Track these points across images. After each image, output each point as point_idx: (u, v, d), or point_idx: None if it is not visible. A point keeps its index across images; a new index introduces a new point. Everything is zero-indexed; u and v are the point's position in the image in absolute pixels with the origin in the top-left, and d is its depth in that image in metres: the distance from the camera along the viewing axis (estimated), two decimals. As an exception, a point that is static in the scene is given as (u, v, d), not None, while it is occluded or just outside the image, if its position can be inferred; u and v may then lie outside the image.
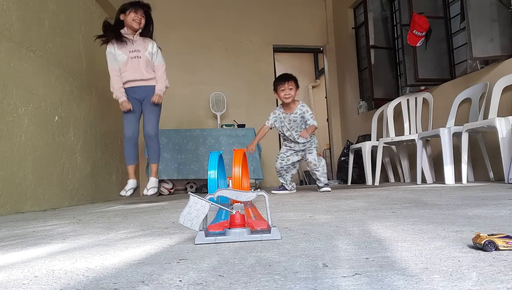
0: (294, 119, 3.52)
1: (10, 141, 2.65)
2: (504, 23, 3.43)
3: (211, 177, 1.73)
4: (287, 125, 3.56)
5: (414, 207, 1.55)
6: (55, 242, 1.16)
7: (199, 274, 0.67)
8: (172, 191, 5.34)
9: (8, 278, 0.72)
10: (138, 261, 0.81)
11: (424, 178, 3.86)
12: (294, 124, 3.54)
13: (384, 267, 0.64)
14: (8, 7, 2.76)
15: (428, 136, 3.61)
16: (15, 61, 2.78)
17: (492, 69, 3.50)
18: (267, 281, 0.60)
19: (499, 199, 1.69)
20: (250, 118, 6.06)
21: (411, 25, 4.18)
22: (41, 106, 3.08)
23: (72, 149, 3.54)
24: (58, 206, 3.17)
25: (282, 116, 3.57)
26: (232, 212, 1.02)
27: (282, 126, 3.60)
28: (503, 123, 2.80)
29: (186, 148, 5.10)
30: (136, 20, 3.13)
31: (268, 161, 6.17)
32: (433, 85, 4.30)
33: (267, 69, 6.39)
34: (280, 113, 3.60)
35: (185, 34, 6.06)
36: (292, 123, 3.54)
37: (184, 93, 5.99)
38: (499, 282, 0.53)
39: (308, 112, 3.50)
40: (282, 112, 3.58)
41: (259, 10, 6.39)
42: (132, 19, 3.12)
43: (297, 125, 3.55)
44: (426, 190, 2.57)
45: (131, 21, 3.12)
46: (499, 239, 0.71)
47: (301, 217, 1.44)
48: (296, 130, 3.55)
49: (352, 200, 2.14)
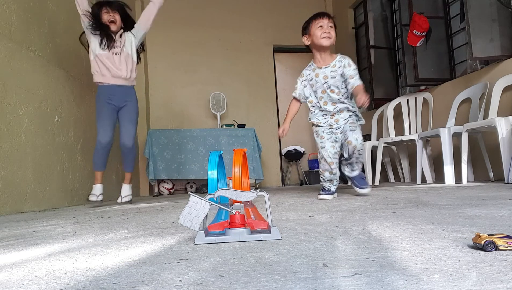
0: (332, 76, 2.52)
1: (10, 141, 2.65)
2: (504, 23, 3.43)
3: (211, 177, 1.73)
4: (322, 85, 2.55)
5: (414, 207, 1.55)
6: (55, 242, 1.16)
7: (199, 274, 0.67)
8: (172, 191, 5.34)
9: (8, 278, 0.72)
10: (138, 261, 0.81)
11: (424, 178, 3.86)
12: (333, 82, 2.51)
13: (384, 267, 0.64)
14: (8, 7, 2.76)
15: (428, 136, 3.61)
16: (15, 61, 2.78)
17: (492, 69, 3.50)
18: (267, 281, 0.60)
19: (499, 199, 1.69)
20: (250, 118, 6.06)
21: (411, 25, 4.18)
22: (41, 106, 3.08)
23: (72, 149, 3.54)
24: (58, 206, 3.17)
25: (314, 74, 2.58)
26: (232, 212, 1.02)
27: (314, 90, 2.61)
28: (503, 123, 2.80)
29: (186, 148, 5.10)
30: (111, 19, 3.03)
31: (268, 161, 6.17)
32: (433, 85, 4.30)
33: (267, 69, 6.39)
34: (311, 71, 2.61)
35: (185, 34, 6.06)
36: (330, 82, 2.52)
37: (184, 93, 5.99)
38: (499, 282, 0.53)
39: (351, 66, 2.50)
40: (314, 67, 2.60)
41: (259, 10, 6.39)
42: (107, 20, 3.02)
43: (336, 84, 2.52)
44: (426, 190, 2.57)
45: (106, 22, 3.03)
46: (499, 239, 0.71)
47: (301, 217, 1.44)
48: (336, 92, 2.53)
49: (352, 200, 2.14)
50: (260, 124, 6.04)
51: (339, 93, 2.53)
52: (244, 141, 5.23)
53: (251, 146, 5.20)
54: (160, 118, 5.86)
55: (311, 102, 2.66)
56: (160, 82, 5.92)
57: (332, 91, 2.53)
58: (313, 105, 2.65)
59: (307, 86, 2.65)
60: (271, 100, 6.37)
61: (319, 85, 2.57)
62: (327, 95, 2.56)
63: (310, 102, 2.66)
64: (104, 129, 3.05)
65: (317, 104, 2.64)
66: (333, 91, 2.53)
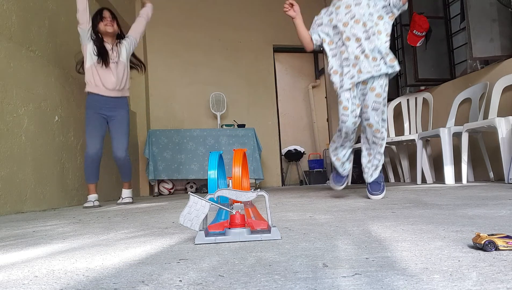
0: (357, 2, 2.06)
1: (10, 141, 2.65)
2: (504, 23, 3.43)
3: (211, 177, 1.73)
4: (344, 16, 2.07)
5: (414, 207, 1.55)
6: (55, 242, 1.16)
7: (199, 274, 0.67)
8: (172, 191, 5.34)
9: (8, 278, 0.72)
10: (138, 261, 0.81)
11: (424, 178, 3.86)
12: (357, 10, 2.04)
13: (384, 267, 0.64)
14: (8, 7, 2.76)
15: (428, 136, 3.61)
16: (15, 61, 2.78)
17: (492, 69, 3.50)
18: (267, 281, 0.60)
19: (499, 199, 1.69)
20: (250, 118, 6.06)
21: (411, 25, 4.18)
22: (41, 106, 3.08)
23: (72, 149, 3.54)
24: (58, 206, 3.17)
25: (334, 8, 2.14)
26: (232, 212, 1.02)
27: (334, 25, 2.11)
28: (503, 123, 2.80)
29: (186, 148, 5.11)
30: (108, 24, 3.08)
31: (268, 161, 6.17)
32: (433, 85, 4.30)
33: (267, 69, 6.39)
34: (330, 7, 2.18)
35: (185, 34, 6.06)
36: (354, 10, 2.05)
37: (184, 93, 5.99)
38: (499, 282, 0.53)
39: None
40: (334, 2, 2.18)
41: (259, 10, 6.39)
42: (104, 24, 3.07)
43: (362, 13, 2.04)
44: (426, 190, 2.57)
45: (104, 27, 3.07)
46: (499, 239, 0.71)
47: (301, 217, 1.44)
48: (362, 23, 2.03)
49: (352, 200, 2.14)
50: (260, 124, 6.03)
51: (365, 25, 2.02)
52: (244, 141, 5.23)
53: (251, 146, 5.20)
54: (160, 118, 5.85)
55: (330, 44, 2.14)
56: (160, 82, 5.92)
57: (357, 21, 2.03)
58: (332, 48, 2.15)
59: (325, 25, 2.16)
60: (271, 100, 6.37)
61: (341, 17, 2.08)
62: (350, 28, 2.04)
63: (330, 44, 2.15)
64: (93, 141, 3.05)
65: (338, 44, 2.12)
66: (358, 21, 2.03)
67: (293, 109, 8.66)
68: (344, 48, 2.07)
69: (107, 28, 3.08)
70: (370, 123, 2.08)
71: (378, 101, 2.05)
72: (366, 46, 2.02)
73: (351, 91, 2.09)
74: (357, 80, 2.05)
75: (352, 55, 2.05)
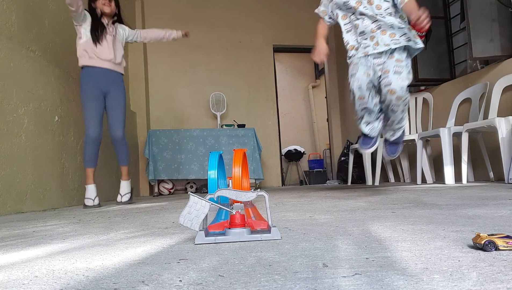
0: None
1: (10, 141, 2.65)
2: (504, 23, 3.43)
3: (211, 177, 1.73)
4: None
5: (414, 207, 1.55)
6: (55, 242, 1.16)
7: (199, 274, 0.67)
8: (172, 191, 5.34)
9: (8, 278, 0.72)
10: (138, 261, 0.81)
11: (424, 178, 3.86)
12: None
13: (384, 267, 0.64)
14: (8, 7, 2.76)
15: (428, 136, 3.61)
16: (15, 61, 2.78)
17: (492, 69, 3.50)
18: (267, 281, 0.60)
19: (499, 199, 1.69)
20: (250, 118, 6.06)
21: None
22: (41, 106, 3.08)
23: (72, 149, 3.54)
24: (58, 206, 3.17)
25: None
26: (232, 212, 1.02)
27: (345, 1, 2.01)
28: (503, 123, 2.81)
29: (186, 148, 5.11)
30: (106, 4, 3.02)
31: (268, 161, 6.17)
32: (433, 85, 4.30)
33: (267, 69, 6.39)
34: None
35: (185, 34, 6.06)
36: None
37: (184, 93, 5.99)
38: (499, 282, 0.53)
39: None
40: None
41: (259, 10, 6.39)
42: (102, 3, 3.02)
43: None
44: (426, 190, 2.57)
45: (102, 6, 3.02)
46: (499, 239, 0.71)
47: (301, 217, 1.44)
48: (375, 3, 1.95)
49: (352, 200, 2.14)
50: (260, 124, 6.03)
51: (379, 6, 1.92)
52: (244, 141, 5.23)
53: (251, 146, 5.20)
54: (160, 118, 5.86)
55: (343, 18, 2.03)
56: (160, 82, 5.92)
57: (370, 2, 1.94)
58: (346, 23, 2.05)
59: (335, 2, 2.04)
60: (271, 100, 6.37)
61: None
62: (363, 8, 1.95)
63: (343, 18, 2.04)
64: (93, 122, 2.96)
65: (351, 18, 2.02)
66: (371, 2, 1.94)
67: (293, 109, 8.67)
68: (359, 22, 1.97)
69: (104, 8, 3.03)
70: (391, 89, 1.81)
71: (400, 65, 1.87)
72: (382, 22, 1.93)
73: (365, 58, 1.97)
74: (372, 51, 1.93)
75: (368, 28, 1.95)
